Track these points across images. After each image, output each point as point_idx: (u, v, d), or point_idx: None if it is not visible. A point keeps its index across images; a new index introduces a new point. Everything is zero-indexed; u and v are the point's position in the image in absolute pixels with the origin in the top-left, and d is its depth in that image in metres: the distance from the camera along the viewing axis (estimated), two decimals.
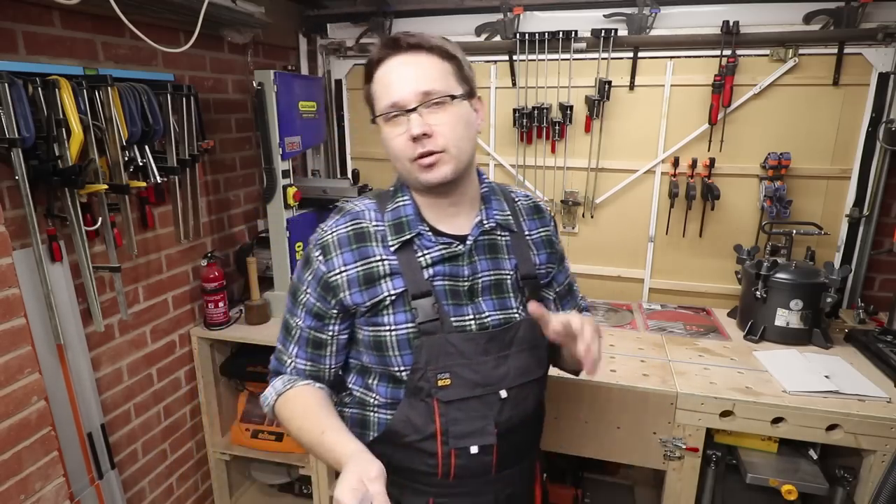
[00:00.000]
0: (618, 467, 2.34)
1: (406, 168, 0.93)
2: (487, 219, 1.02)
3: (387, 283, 0.96)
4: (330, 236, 0.98)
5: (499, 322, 0.98)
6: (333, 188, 2.26)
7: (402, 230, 0.97)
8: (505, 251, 1.03)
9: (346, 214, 1.01)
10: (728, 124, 2.12)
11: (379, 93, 0.93)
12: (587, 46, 2.16)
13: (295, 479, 2.40)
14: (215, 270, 2.01)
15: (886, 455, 1.45)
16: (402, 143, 0.91)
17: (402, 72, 0.91)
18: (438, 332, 0.94)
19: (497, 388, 0.96)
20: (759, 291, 1.84)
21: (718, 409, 1.55)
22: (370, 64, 0.95)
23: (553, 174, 2.35)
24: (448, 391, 0.94)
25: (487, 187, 1.05)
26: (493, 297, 1.00)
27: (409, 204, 0.99)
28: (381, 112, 0.92)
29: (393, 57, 0.92)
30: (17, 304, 1.19)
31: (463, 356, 0.95)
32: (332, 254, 0.97)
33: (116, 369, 1.78)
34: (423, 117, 0.89)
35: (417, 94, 0.89)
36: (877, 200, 2.03)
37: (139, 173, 1.67)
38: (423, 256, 0.96)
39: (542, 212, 1.13)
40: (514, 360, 0.98)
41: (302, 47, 2.52)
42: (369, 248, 0.97)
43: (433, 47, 0.92)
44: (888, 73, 1.93)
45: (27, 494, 1.22)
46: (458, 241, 0.98)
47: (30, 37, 1.41)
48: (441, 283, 0.97)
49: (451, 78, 0.93)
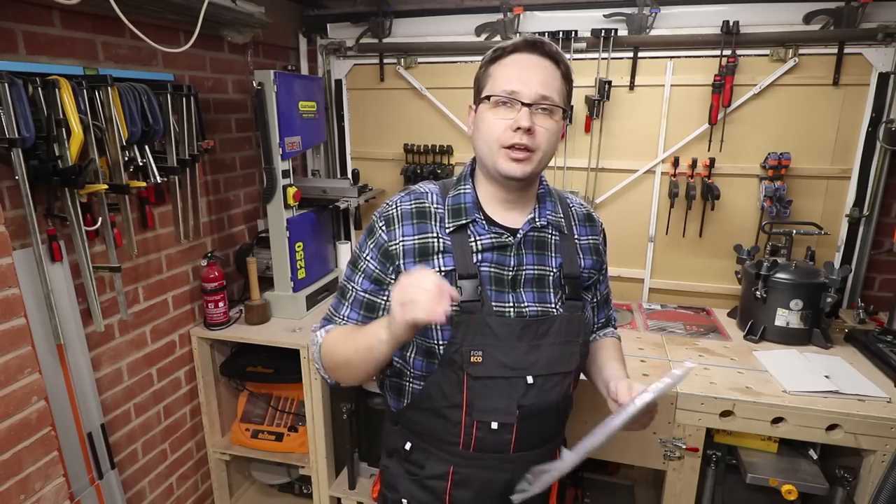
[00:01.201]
0: (618, 467, 2.34)
1: (492, 152, 0.99)
2: (540, 217, 1.08)
3: (438, 259, 1.03)
4: (394, 210, 1.07)
5: (536, 313, 1.03)
6: (333, 188, 2.26)
7: (459, 215, 1.04)
8: (552, 249, 1.08)
9: (410, 193, 1.10)
10: (728, 124, 2.12)
11: (501, 77, 0.98)
12: (587, 46, 2.16)
13: (295, 479, 2.40)
14: (215, 270, 2.01)
15: (886, 455, 1.45)
16: (501, 129, 0.97)
17: (533, 69, 0.97)
18: (478, 313, 1.00)
19: (525, 373, 1.01)
20: (759, 291, 1.84)
21: (718, 409, 1.55)
22: (502, 49, 1.00)
23: (553, 174, 2.34)
24: (478, 367, 0.99)
25: (544, 189, 1.12)
26: (535, 289, 1.05)
27: (469, 192, 1.07)
28: (496, 94, 0.97)
29: (530, 53, 0.98)
30: (17, 304, 1.19)
31: (497, 338, 1.00)
32: (394, 225, 1.05)
33: (116, 369, 1.78)
34: (532, 116, 0.96)
35: (538, 94, 0.96)
36: (877, 200, 2.03)
37: (139, 173, 1.67)
38: (475, 242, 1.03)
39: (593, 221, 1.19)
40: (545, 351, 1.02)
41: (302, 47, 2.52)
42: (428, 225, 1.05)
43: (564, 64, 1.01)
44: (888, 73, 1.93)
45: (27, 494, 1.22)
46: (509, 232, 1.04)
47: (30, 37, 1.41)
48: (487, 269, 1.03)
49: (564, 95, 1.01)
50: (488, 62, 1.02)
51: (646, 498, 2.24)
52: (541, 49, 0.99)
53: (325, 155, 2.66)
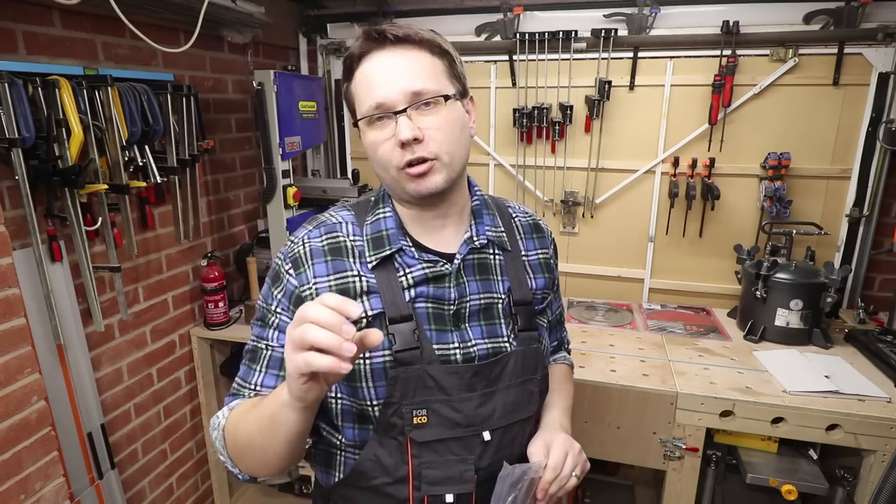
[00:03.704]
0: (618, 467, 2.34)
1: (392, 178, 0.83)
2: (478, 235, 0.90)
3: (363, 302, 0.84)
4: (301, 248, 0.87)
5: (486, 352, 0.87)
6: (333, 188, 2.26)
7: (381, 245, 0.86)
8: (497, 272, 0.91)
9: (319, 226, 0.90)
10: (728, 124, 2.12)
11: (361, 93, 0.82)
12: (587, 46, 2.16)
13: (295, 479, 2.40)
14: (215, 270, 2.01)
15: (886, 455, 1.45)
16: (389, 150, 0.80)
17: (389, 68, 0.79)
18: (417, 363, 0.82)
19: (480, 429, 0.84)
20: (759, 291, 1.84)
21: (718, 409, 1.55)
22: (350, 59, 0.83)
23: (553, 174, 2.35)
24: (424, 430, 0.82)
25: (479, 200, 0.94)
26: (482, 323, 0.88)
27: (390, 216, 0.89)
28: (364, 115, 0.81)
29: (377, 51, 0.80)
30: (17, 304, 1.19)
31: (443, 391, 0.83)
32: (304, 266, 0.86)
33: (116, 369, 1.78)
34: (413, 120, 0.78)
35: (406, 93, 0.78)
36: (877, 200, 2.03)
37: (139, 173, 1.67)
38: (405, 276, 0.85)
39: (542, 231, 1.02)
40: (501, 397, 0.86)
41: (302, 47, 2.52)
42: (345, 262, 0.86)
43: (423, 41, 0.81)
44: (888, 73, 1.93)
45: (27, 494, 1.22)
46: (444, 259, 0.87)
47: (30, 37, 1.41)
48: (423, 306, 0.85)
49: (443, 76, 0.82)
50: (346, 78, 0.85)
51: (646, 498, 2.24)
52: (388, 39, 0.80)
53: (325, 155, 2.66)
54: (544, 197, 2.38)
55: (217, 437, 0.86)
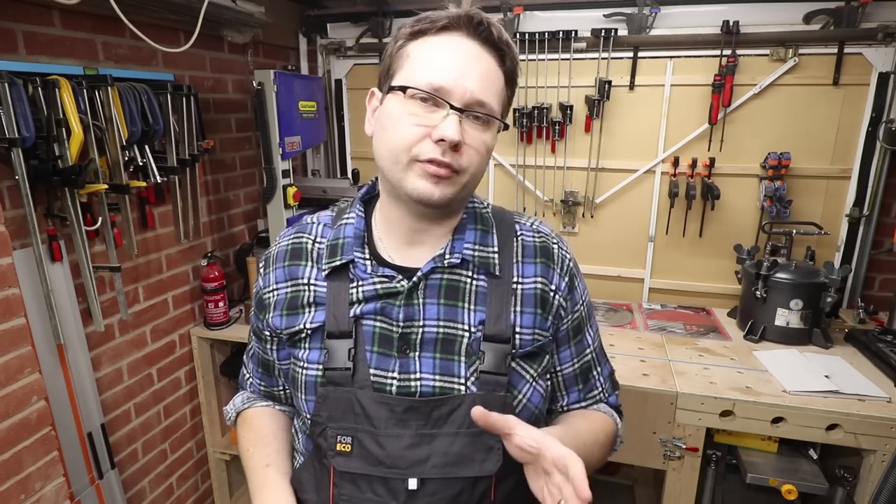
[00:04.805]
0: (618, 467, 2.34)
1: (399, 164, 0.72)
2: (451, 252, 0.78)
3: (308, 313, 0.80)
4: (274, 248, 0.87)
5: (432, 390, 0.75)
6: (333, 188, 2.26)
7: (335, 254, 0.80)
8: (470, 300, 0.78)
9: (297, 225, 0.89)
10: (728, 124, 2.12)
11: (421, 61, 0.71)
12: (587, 46, 2.16)
13: None
14: (215, 270, 2.01)
15: (886, 455, 1.45)
16: (416, 135, 0.70)
17: (469, 61, 0.71)
18: (347, 385, 0.75)
19: (406, 474, 0.73)
20: (759, 291, 1.84)
21: (718, 408, 1.55)
22: (429, 21, 0.73)
23: (553, 174, 2.35)
24: (346, 460, 0.74)
25: (468, 213, 0.82)
26: (437, 356, 0.76)
27: (352, 223, 0.82)
28: (416, 85, 0.70)
29: (465, 36, 0.71)
30: (17, 304, 1.19)
31: (370, 422, 0.74)
32: (270, 268, 0.85)
33: (116, 369, 1.78)
34: (463, 125, 0.70)
35: (473, 97, 0.70)
36: (877, 200, 2.03)
37: (139, 173, 1.67)
38: (355, 289, 0.78)
39: (549, 257, 0.83)
40: (442, 444, 0.73)
41: (302, 47, 2.52)
42: (300, 269, 0.83)
43: (510, 58, 0.75)
44: (888, 72, 1.93)
45: (27, 494, 1.22)
46: (403, 275, 0.78)
47: (30, 37, 1.41)
48: (370, 325, 0.77)
49: (503, 101, 0.76)
50: (408, 36, 0.75)
51: (646, 498, 2.24)
52: (486, 33, 0.71)
53: (325, 155, 2.66)
54: (544, 197, 2.38)
55: (230, 419, 0.97)
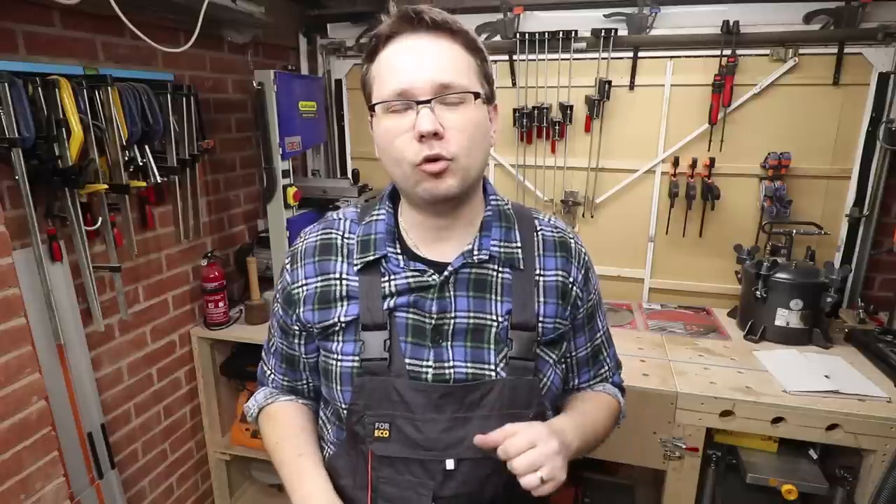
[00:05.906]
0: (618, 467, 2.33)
1: (405, 174, 0.76)
2: (480, 249, 0.83)
3: (341, 307, 0.84)
4: (301, 244, 0.89)
5: (465, 376, 0.80)
6: (333, 188, 2.26)
7: (368, 249, 0.84)
8: (497, 292, 0.83)
9: (322, 222, 0.91)
10: (728, 124, 2.12)
11: (384, 76, 0.75)
12: (587, 46, 2.16)
13: None
14: (215, 270, 2.01)
15: (886, 455, 1.45)
16: (406, 143, 0.74)
17: (419, 54, 0.73)
18: (384, 374, 0.80)
19: (442, 455, 0.78)
20: (759, 291, 1.84)
21: (718, 408, 1.55)
22: (376, 38, 0.77)
23: (553, 174, 2.35)
24: (384, 444, 0.79)
25: (492, 211, 0.86)
26: (468, 344, 0.81)
27: (382, 219, 0.85)
28: (384, 99, 0.75)
29: (409, 34, 0.74)
30: (17, 304, 1.19)
31: (408, 408, 0.78)
32: (298, 264, 0.88)
33: (116, 369, 1.78)
34: (436, 114, 0.72)
35: (434, 84, 0.72)
36: (877, 200, 2.03)
37: (139, 173, 1.66)
38: (388, 283, 0.82)
39: (567, 250, 0.90)
40: (475, 427, 0.77)
41: (302, 47, 2.52)
42: (330, 264, 0.86)
43: (460, 32, 0.76)
44: (888, 72, 1.93)
45: (27, 494, 1.22)
46: (434, 269, 0.82)
47: (30, 37, 1.41)
48: (403, 316, 0.82)
49: (474, 73, 0.77)
50: (367, 59, 0.79)
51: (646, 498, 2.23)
52: (425, 23, 0.73)
53: (325, 155, 2.66)
54: (544, 197, 2.38)
55: (251, 421, 1.01)
